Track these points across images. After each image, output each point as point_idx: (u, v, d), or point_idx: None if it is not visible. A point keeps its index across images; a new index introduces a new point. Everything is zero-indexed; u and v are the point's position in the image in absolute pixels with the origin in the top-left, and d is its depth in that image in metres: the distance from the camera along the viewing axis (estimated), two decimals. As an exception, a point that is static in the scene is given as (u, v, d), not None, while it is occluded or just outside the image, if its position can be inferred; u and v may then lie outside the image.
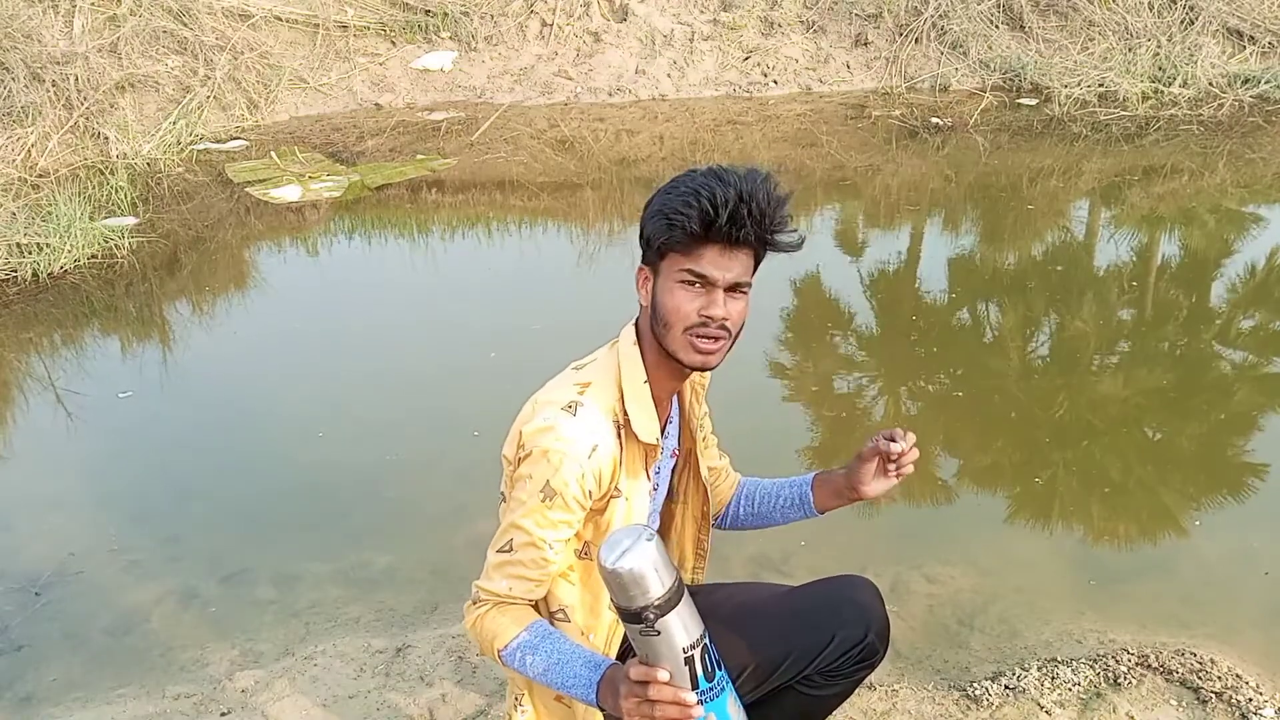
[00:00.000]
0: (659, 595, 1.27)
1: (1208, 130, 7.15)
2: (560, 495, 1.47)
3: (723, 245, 1.46)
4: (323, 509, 3.18)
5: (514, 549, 1.51)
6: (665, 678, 1.31)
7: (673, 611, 1.29)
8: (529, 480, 1.48)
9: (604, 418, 1.51)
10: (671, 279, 1.49)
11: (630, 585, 1.26)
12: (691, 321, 1.48)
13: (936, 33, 8.19)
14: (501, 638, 1.51)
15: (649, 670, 1.32)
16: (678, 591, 1.30)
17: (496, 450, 1.59)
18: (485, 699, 2.35)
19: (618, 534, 1.29)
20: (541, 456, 1.47)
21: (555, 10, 8.09)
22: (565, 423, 1.47)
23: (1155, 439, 3.69)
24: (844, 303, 4.67)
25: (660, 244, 1.48)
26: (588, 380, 1.54)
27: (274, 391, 3.95)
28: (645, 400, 1.54)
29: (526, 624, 1.52)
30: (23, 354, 4.20)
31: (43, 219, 4.97)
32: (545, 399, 1.53)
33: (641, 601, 1.27)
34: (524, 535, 1.50)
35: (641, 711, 1.33)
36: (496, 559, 1.54)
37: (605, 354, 1.59)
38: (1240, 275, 4.96)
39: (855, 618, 1.65)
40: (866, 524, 3.12)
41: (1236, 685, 2.33)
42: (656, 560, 1.27)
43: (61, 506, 3.19)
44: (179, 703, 2.37)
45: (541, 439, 1.47)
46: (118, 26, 6.85)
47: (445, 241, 5.53)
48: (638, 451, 1.56)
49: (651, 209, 1.50)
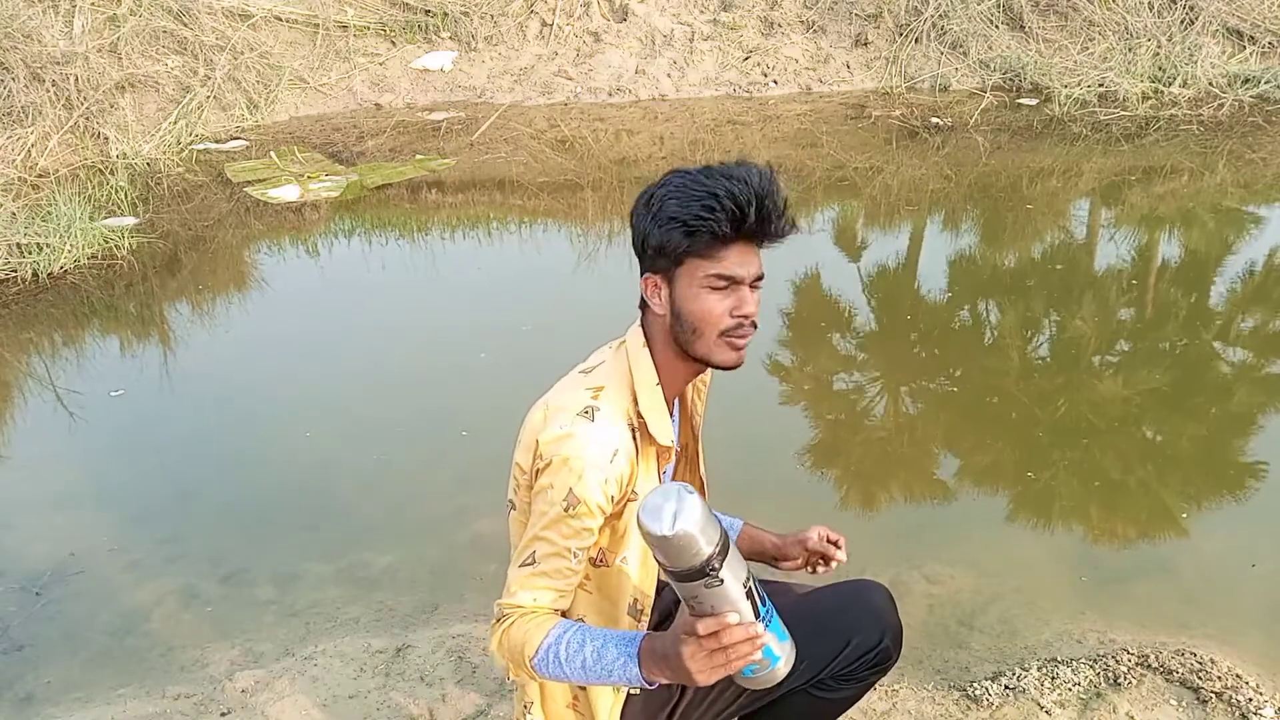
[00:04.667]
0: (716, 544, 1.25)
1: (1208, 130, 7.15)
2: (584, 503, 1.44)
3: (744, 243, 1.46)
4: (323, 509, 3.18)
5: (538, 560, 1.48)
6: (736, 620, 1.29)
7: (728, 556, 1.28)
8: (550, 490, 1.45)
9: (620, 421, 1.49)
10: (696, 285, 1.47)
11: (689, 546, 1.24)
12: (726, 324, 1.47)
13: (936, 33, 8.19)
14: (530, 644, 1.47)
15: (719, 620, 1.29)
16: (726, 534, 1.29)
17: (496, 450, 1.58)
18: (485, 699, 2.35)
19: (653, 499, 1.26)
20: (563, 465, 1.44)
21: (555, 10, 8.09)
22: (584, 429, 1.45)
23: (1155, 439, 3.69)
24: (844, 303, 4.67)
25: (679, 252, 1.46)
26: (600, 384, 1.52)
27: (274, 391, 3.95)
28: (659, 403, 1.53)
29: (552, 625, 1.49)
30: (23, 354, 4.21)
31: (43, 219, 4.97)
32: (558, 404, 1.51)
33: (703, 556, 1.24)
34: (548, 546, 1.47)
35: (715, 662, 1.31)
36: (520, 573, 1.49)
37: (613, 357, 1.57)
38: (1240, 275, 4.97)
39: (870, 623, 1.66)
40: (867, 524, 3.13)
41: (1236, 685, 2.33)
42: (704, 512, 1.25)
43: (61, 506, 3.19)
44: (179, 703, 2.37)
45: (561, 447, 1.45)
46: (118, 26, 6.85)
47: (445, 242, 5.54)
48: (652, 454, 1.55)
49: (657, 216, 1.47)
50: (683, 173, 1.47)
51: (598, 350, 1.62)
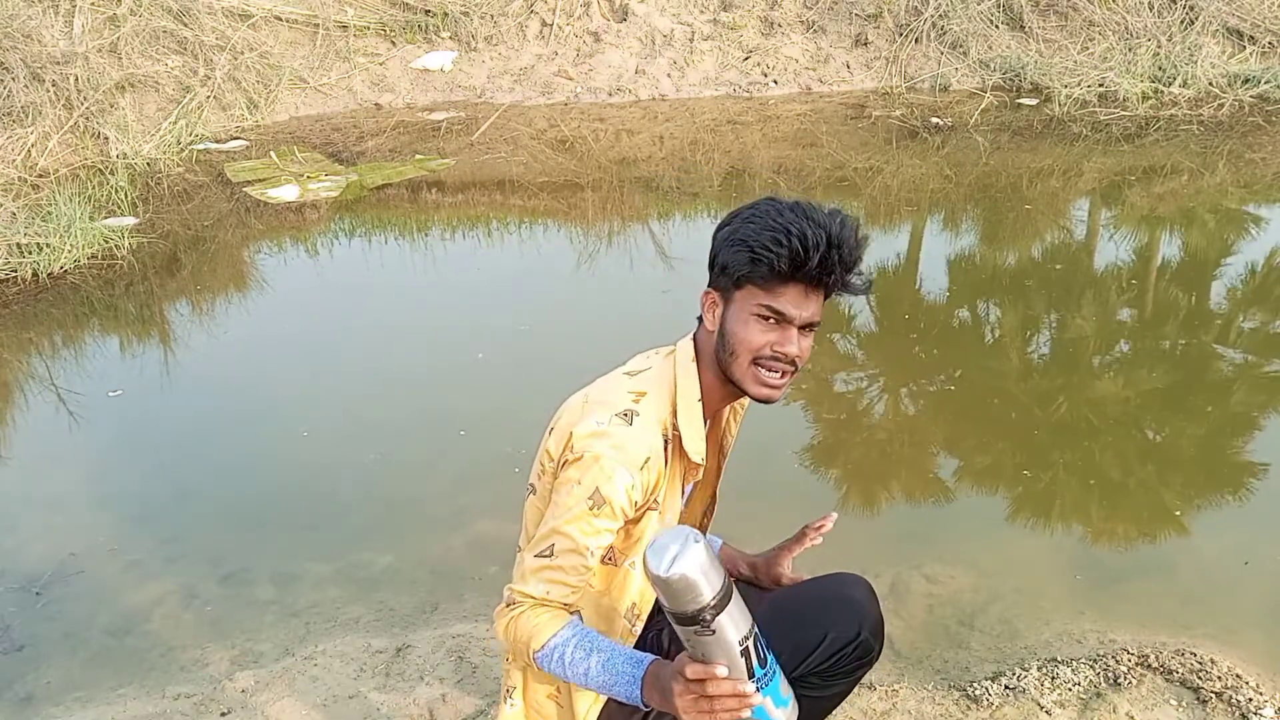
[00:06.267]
0: (712, 596, 1.26)
1: (1208, 130, 7.15)
2: (609, 504, 1.44)
3: (806, 286, 1.46)
4: (323, 509, 3.18)
5: (555, 554, 1.47)
6: (724, 673, 1.30)
7: (726, 609, 1.28)
8: (576, 486, 1.45)
9: (656, 430, 1.48)
10: (747, 311, 1.48)
11: (684, 591, 1.25)
12: (762, 354, 1.48)
13: (936, 33, 8.19)
14: (539, 638, 1.48)
15: (705, 668, 1.30)
16: (728, 589, 1.29)
17: (495, 449, 1.58)
18: (485, 699, 2.35)
19: (662, 539, 1.27)
20: (594, 462, 1.44)
21: (555, 10, 8.09)
22: (621, 431, 1.45)
23: (1155, 439, 3.69)
24: (844, 303, 4.67)
25: (740, 275, 1.46)
26: (643, 389, 1.51)
27: (274, 391, 3.95)
28: (697, 419, 1.52)
29: (564, 622, 1.49)
30: (23, 354, 4.21)
31: (43, 219, 4.97)
32: (599, 400, 1.50)
33: (696, 605, 1.26)
34: (567, 541, 1.46)
35: (699, 708, 1.32)
36: (535, 563, 1.49)
37: (660, 365, 1.56)
38: (1240, 275, 4.97)
39: (847, 616, 1.64)
40: (867, 524, 3.13)
41: (1236, 685, 2.33)
42: (706, 562, 1.25)
43: (61, 506, 3.19)
44: (179, 703, 2.37)
45: (595, 444, 1.44)
46: (118, 26, 6.85)
47: (445, 242, 5.53)
48: (680, 467, 1.55)
49: (731, 236, 1.47)
50: (774, 201, 1.47)
51: (642, 354, 1.62)
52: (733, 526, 1.98)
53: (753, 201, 1.50)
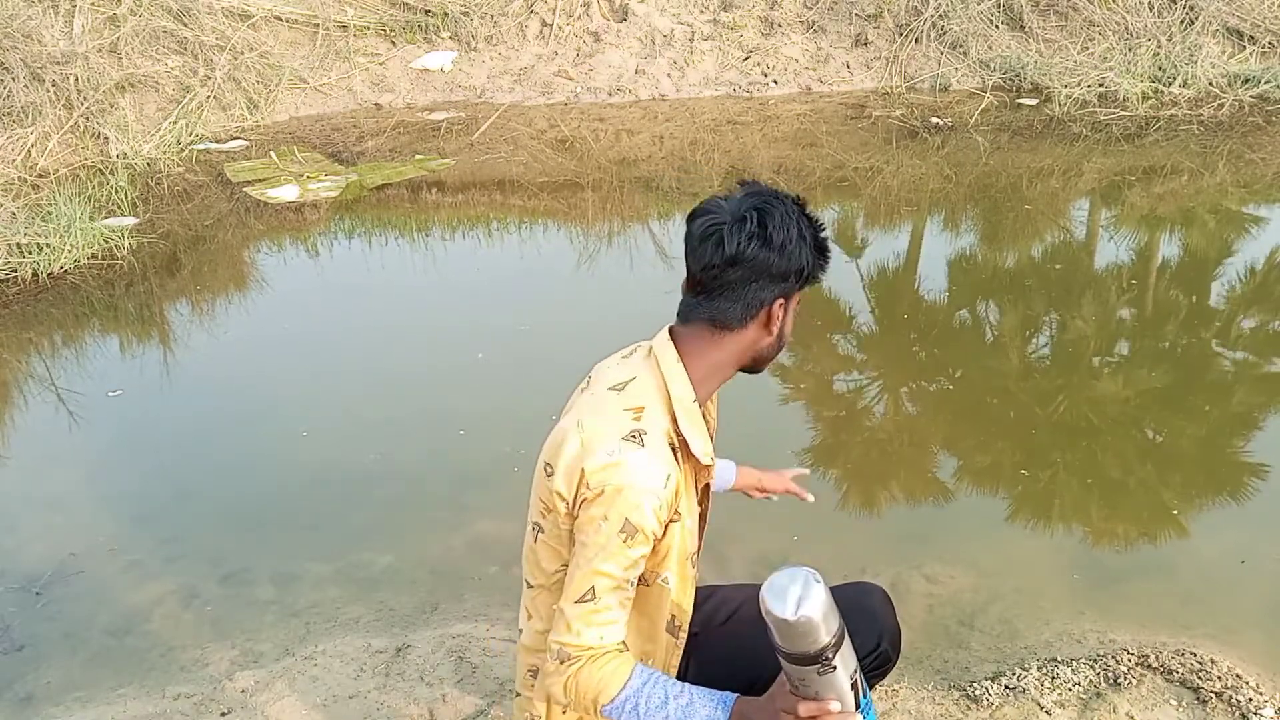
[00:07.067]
0: (835, 633, 1.27)
1: (1208, 130, 7.15)
2: (641, 531, 1.41)
3: None
4: (323, 509, 3.18)
5: (598, 595, 1.43)
6: (836, 708, 1.31)
7: (844, 644, 1.30)
8: (604, 522, 1.40)
9: (665, 444, 1.46)
10: (794, 306, 1.57)
11: (810, 632, 1.25)
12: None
13: (936, 33, 8.19)
14: (607, 692, 1.43)
15: (820, 705, 1.32)
16: (844, 625, 1.31)
17: (495, 449, 1.58)
18: (485, 699, 2.35)
19: (780, 580, 1.26)
20: (616, 494, 1.40)
21: (555, 10, 8.09)
22: (634, 455, 1.41)
23: (1155, 439, 3.69)
24: (844, 303, 4.67)
25: (810, 274, 1.54)
26: (639, 404, 1.47)
27: (274, 391, 3.95)
28: (698, 420, 1.50)
29: (630, 671, 1.45)
30: (23, 354, 4.21)
31: (43, 219, 4.97)
32: (597, 429, 1.45)
33: (820, 644, 1.27)
34: (608, 580, 1.42)
35: None
36: (578, 610, 1.43)
37: (645, 373, 1.52)
38: (1240, 275, 4.97)
39: (867, 627, 1.64)
40: (866, 524, 3.13)
41: (1236, 685, 2.33)
42: (827, 602, 1.26)
43: (61, 506, 3.19)
44: (179, 703, 2.37)
45: (613, 475, 1.40)
46: (118, 26, 6.85)
47: (445, 242, 5.53)
48: (690, 471, 1.53)
49: (805, 243, 1.49)
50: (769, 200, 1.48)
51: (610, 363, 1.58)
52: (733, 526, 1.99)
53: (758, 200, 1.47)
